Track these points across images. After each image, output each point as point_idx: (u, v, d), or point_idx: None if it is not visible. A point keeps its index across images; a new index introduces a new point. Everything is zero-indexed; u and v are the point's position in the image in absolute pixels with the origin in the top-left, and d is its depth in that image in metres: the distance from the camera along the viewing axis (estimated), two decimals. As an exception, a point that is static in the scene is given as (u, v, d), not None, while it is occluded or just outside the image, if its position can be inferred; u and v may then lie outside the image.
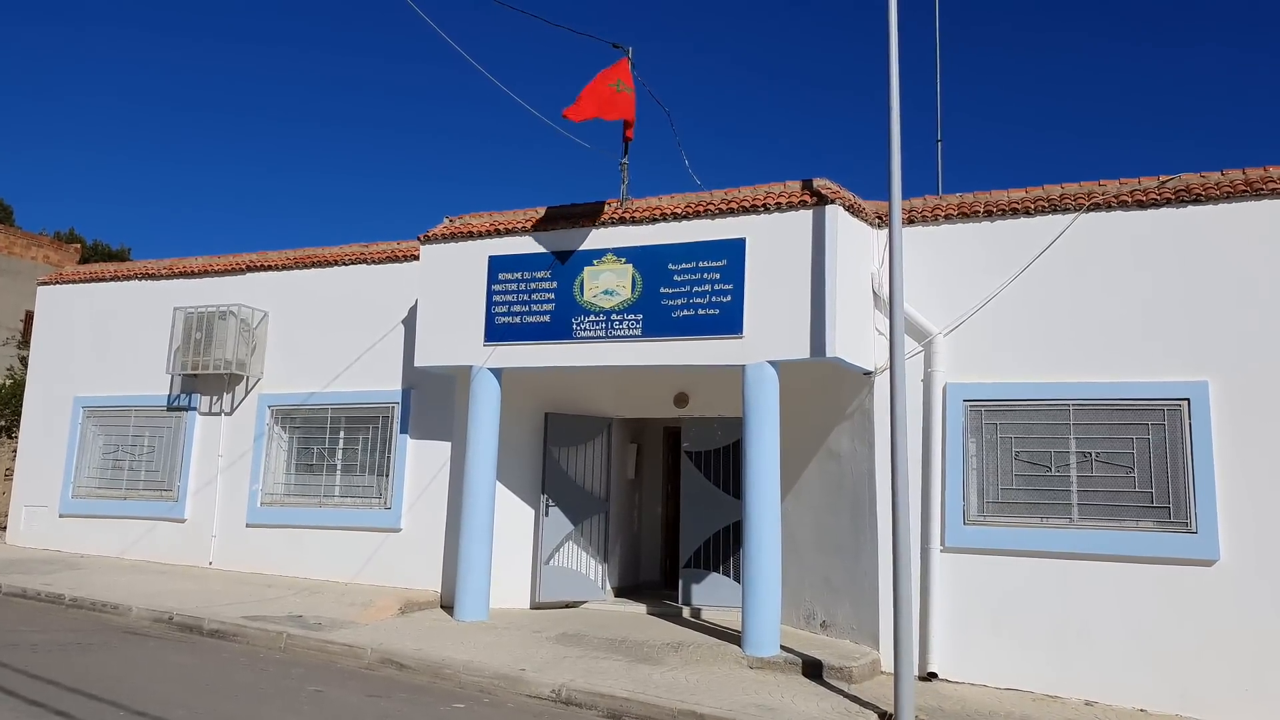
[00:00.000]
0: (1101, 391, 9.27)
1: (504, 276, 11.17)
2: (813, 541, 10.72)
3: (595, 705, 8.03)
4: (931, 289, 9.97)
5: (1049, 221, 9.71)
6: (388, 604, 11.29)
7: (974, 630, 9.37)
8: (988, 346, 9.75)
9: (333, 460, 13.30)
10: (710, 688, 8.44)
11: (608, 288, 10.61)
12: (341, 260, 13.58)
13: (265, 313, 13.90)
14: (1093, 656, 8.95)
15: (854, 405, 10.31)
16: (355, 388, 13.10)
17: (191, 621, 10.26)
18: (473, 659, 9.05)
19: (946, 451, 9.72)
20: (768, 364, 9.83)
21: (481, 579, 11.09)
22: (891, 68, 8.54)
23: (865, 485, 10.07)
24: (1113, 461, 9.21)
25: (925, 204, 10.31)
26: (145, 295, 14.87)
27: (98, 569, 13.16)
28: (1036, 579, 9.24)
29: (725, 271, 10.08)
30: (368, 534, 12.69)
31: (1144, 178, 9.53)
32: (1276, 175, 9.02)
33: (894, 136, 8.40)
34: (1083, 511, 9.24)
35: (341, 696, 7.88)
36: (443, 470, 12.38)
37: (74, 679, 7.59)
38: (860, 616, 10.02)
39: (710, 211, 10.27)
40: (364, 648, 9.36)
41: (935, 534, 9.60)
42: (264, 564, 13.17)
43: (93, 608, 10.95)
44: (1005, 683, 9.15)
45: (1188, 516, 8.82)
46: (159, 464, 14.34)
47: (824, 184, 9.95)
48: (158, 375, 14.45)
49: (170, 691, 7.54)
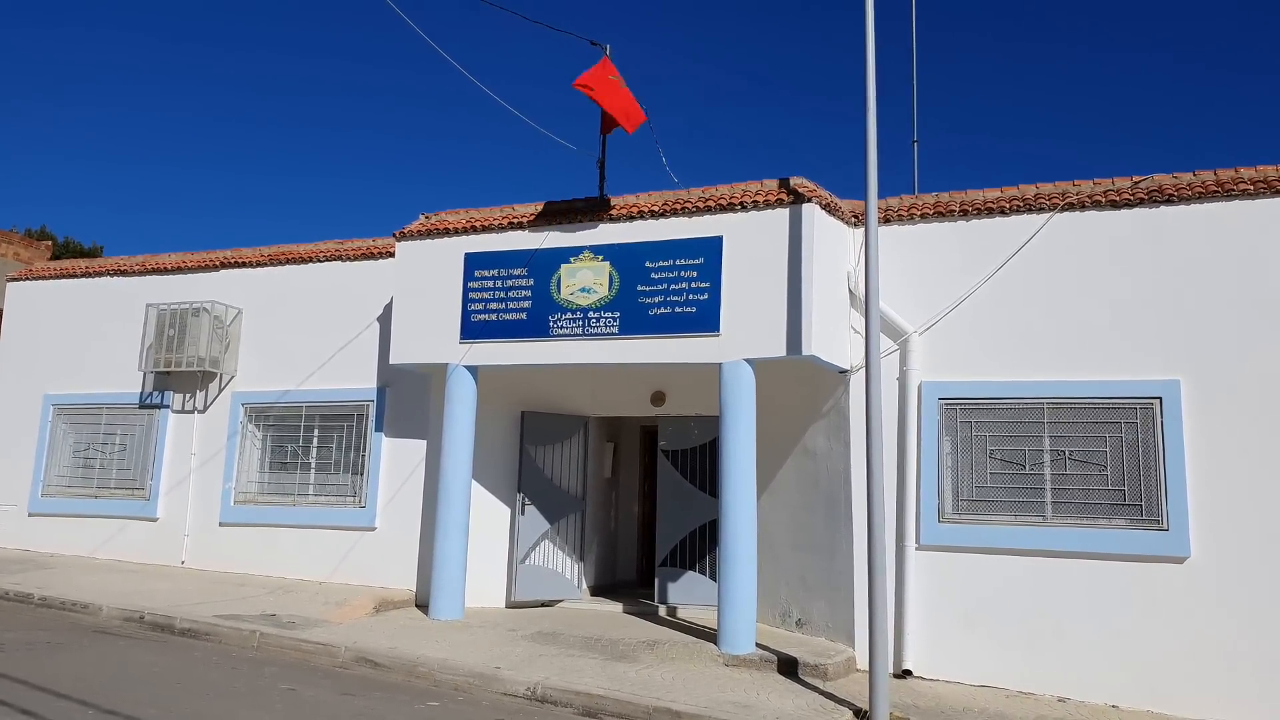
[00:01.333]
0: (1075, 390, 9.34)
1: (480, 274, 11.13)
2: (789, 540, 10.74)
3: (570, 703, 8.01)
4: (907, 288, 10.01)
5: (1024, 221, 9.77)
6: (362, 603, 11.23)
7: (948, 627, 9.41)
8: (963, 345, 9.80)
9: (307, 459, 13.21)
10: (686, 685, 8.44)
11: (585, 285, 10.59)
12: (316, 257, 13.50)
13: (239, 310, 13.80)
14: (1066, 653, 9.01)
15: (830, 404, 10.33)
16: (330, 385, 13.01)
17: (163, 620, 10.17)
18: (448, 657, 9.02)
19: (921, 450, 9.76)
20: (744, 362, 9.84)
21: (457, 578, 11.05)
22: (868, 68, 8.58)
23: (841, 483, 10.10)
24: (1086, 460, 9.28)
25: (901, 203, 10.35)
26: (117, 292, 14.72)
27: (68, 568, 13.02)
28: (1010, 577, 9.29)
29: (702, 269, 10.08)
30: (342, 533, 12.62)
31: (1118, 178, 9.60)
32: (1247, 176, 9.11)
33: (870, 135, 8.45)
34: (1056, 509, 9.30)
35: (315, 695, 7.83)
36: (418, 469, 12.32)
37: (43, 678, 7.50)
38: (835, 614, 10.04)
39: (688, 209, 10.27)
40: (338, 646, 9.31)
41: (910, 532, 9.64)
42: (237, 563, 13.07)
43: (62, 607, 10.83)
44: (979, 680, 9.19)
45: (1159, 514, 8.89)
46: (131, 462, 14.21)
47: (801, 183, 9.97)
48: (130, 373, 14.31)
49: (141, 690, 7.47)
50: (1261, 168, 9.14)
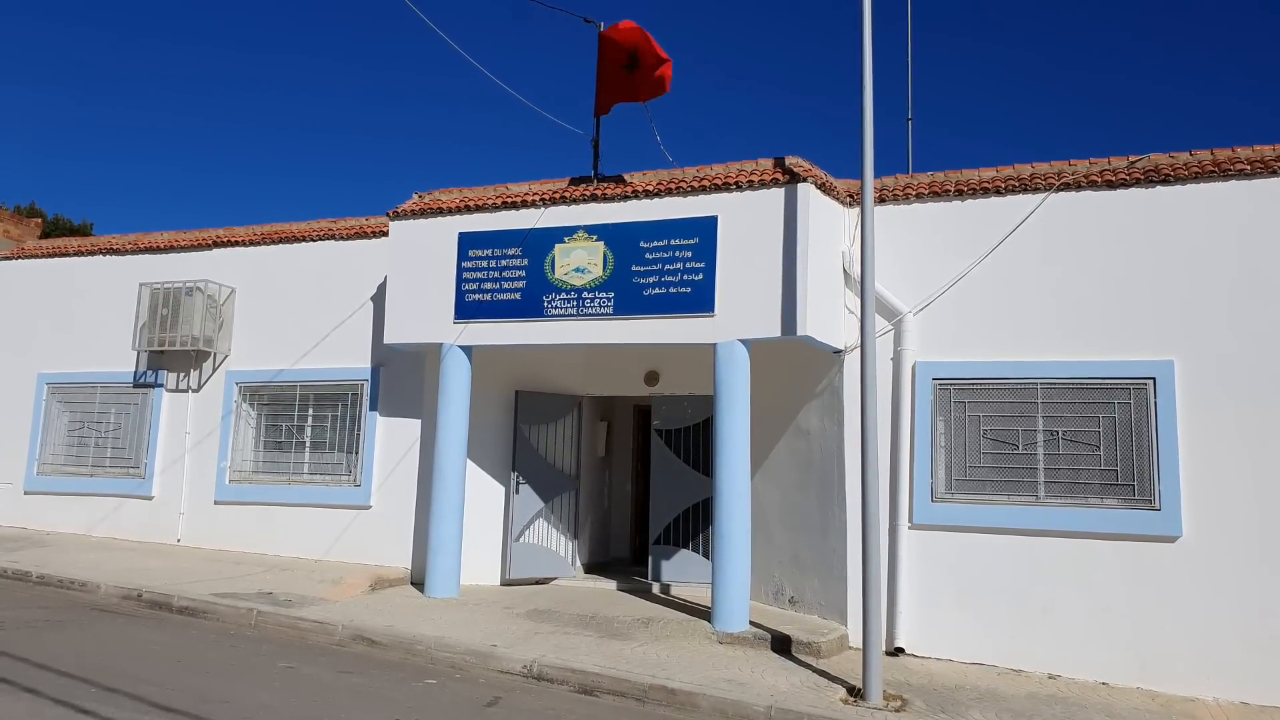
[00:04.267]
0: (1069, 370, 9.38)
1: (474, 253, 11.13)
2: (782, 518, 10.80)
3: (567, 680, 8.07)
4: (902, 268, 10.03)
5: (1019, 201, 9.78)
6: (358, 581, 11.28)
7: (941, 606, 9.49)
8: (957, 325, 9.83)
9: (302, 438, 13.23)
10: (680, 662, 8.51)
11: (579, 265, 10.59)
12: (310, 236, 13.47)
13: (233, 289, 13.78)
14: (1056, 631, 9.09)
15: (824, 384, 10.37)
16: (324, 365, 13.02)
17: (161, 599, 10.21)
18: (444, 635, 9.07)
19: (915, 429, 9.80)
20: (739, 342, 9.87)
21: (452, 556, 11.10)
22: (865, 48, 8.53)
23: (834, 463, 10.14)
24: (1079, 440, 9.33)
25: (897, 183, 10.36)
26: (110, 271, 14.69)
27: (65, 546, 13.05)
28: (1003, 555, 9.36)
29: (697, 249, 10.09)
30: (338, 511, 12.65)
31: (1114, 158, 9.62)
32: (1244, 156, 9.13)
33: (867, 116, 8.41)
34: (1049, 489, 9.36)
35: (313, 672, 7.88)
36: (413, 448, 12.35)
37: (44, 656, 7.54)
38: (828, 592, 10.11)
39: (682, 189, 10.26)
40: (335, 624, 9.36)
41: (903, 511, 9.70)
42: (233, 541, 13.10)
43: (60, 585, 10.86)
44: (971, 657, 9.28)
45: (1151, 494, 8.96)
46: (125, 441, 14.21)
47: (796, 162, 9.97)
48: (123, 352, 14.30)
49: (141, 668, 7.51)
50: (1259, 147, 9.15)
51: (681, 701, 7.62)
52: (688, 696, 7.63)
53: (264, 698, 6.98)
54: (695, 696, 7.61)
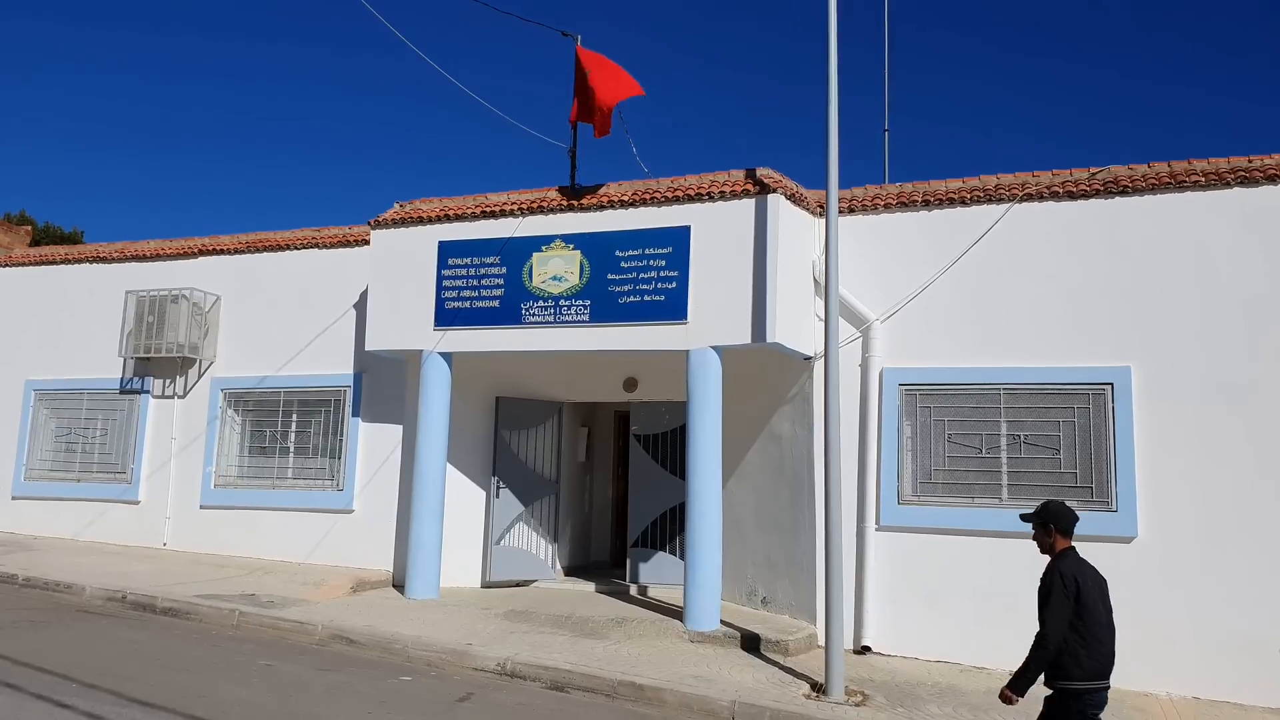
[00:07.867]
0: (1030, 376, 9.63)
1: (454, 262, 11.35)
2: (754, 521, 11.03)
3: (539, 677, 8.29)
4: (870, 276, 10.26)
5: (984, 211, 10.03)
6: (340, 583, 11.48)
7: (907, 605, 9.72)
8: (923, 332, 10.07)
9: (285, 443, 13.43)
10: (651, 660, 8.73)
11: (556, 274, 10.82)
12: (293, 245, 13.68)
13: (218, 296, 13.98)
14: (1019, 629, 9.18)
15: (795, 389, 10.60)
16: (307, 371, 13.22)
17: (145, 600, 10.40)
18: (421, 634, 9.28)
19: (882, 434, 10.04)
20: (711, 349, 10.10)
21: (432, 558, 11.31)
22: (830, 68, 8.79)
23: (805, 467, 10.37)
24: (1040, 443, 9.58)
25: (866, 193, 10.61)
26: (97, 278, 14.88)
27: (51, 550, 13.22)
28: (967, 556, 9.60)
29: (671, 258, 10.32)
30: (320, 515, 12.85)
31: (1075, 169, 9.89)
32: (1200, 169, 9.40)
33: (832, 132, 8.67)
34: (1012, 491, 9.61)
35: (292, 670, 8.09)
36: (394, 453, 12.56)
37: (27, 654, 7.74)
38: (799, 593, 10.34)
39: (657, 199, 10.50)
40: (315, 624, 9.56)
41: (871, 513, 9.93)
42: (218, 545, 13.28)
43: (46, 587, 11.04)
44: (936, 655, 9.51)
45: (1109, 496, 9.21)
46: (112, 447, 14.40)
47: (767, 173, 10.22)
48: (110, 358, 14.49)
49: (123, 666, 7.71)
50: (1214, 160, 9.44)
51: (649, 697, 7.84)
52: (655, 692, 7.86)
53: (241, 693, 7.19)
54: (663, 692, 7.84)
